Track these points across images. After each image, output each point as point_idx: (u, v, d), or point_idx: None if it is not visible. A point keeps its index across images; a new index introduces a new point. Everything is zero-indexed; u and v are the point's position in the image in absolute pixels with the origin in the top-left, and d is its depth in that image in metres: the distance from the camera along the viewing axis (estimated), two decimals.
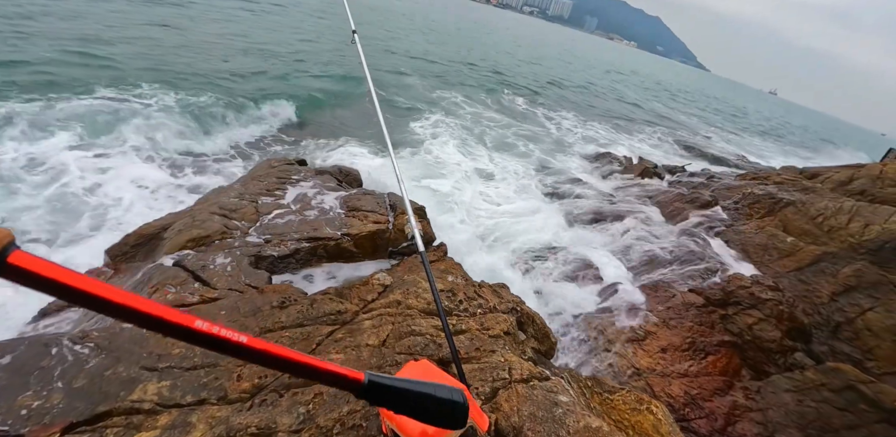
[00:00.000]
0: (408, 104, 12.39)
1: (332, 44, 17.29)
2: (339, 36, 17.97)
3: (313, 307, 2.48)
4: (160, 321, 0.52)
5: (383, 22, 31.22)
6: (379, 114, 3.49)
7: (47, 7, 12.91)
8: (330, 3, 28.92)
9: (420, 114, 11.78)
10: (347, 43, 3.87)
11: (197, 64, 10.95)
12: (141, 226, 4.26)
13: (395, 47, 21.76)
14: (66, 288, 0.47)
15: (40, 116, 6.69)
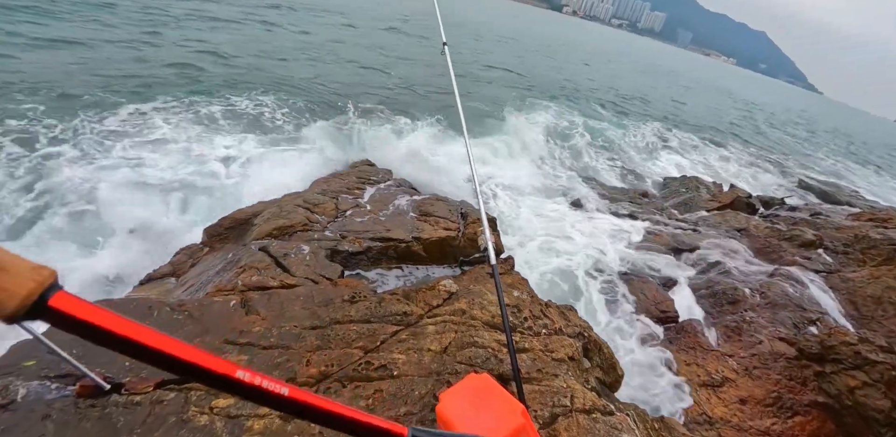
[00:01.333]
0: (491, 114, 12.48)
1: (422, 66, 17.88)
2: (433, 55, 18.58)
3: (381, 306, 2.56)
4: (202, 371, 0.49)
5: (468, 35, 31.89)
6: (463, 124, 3.56)
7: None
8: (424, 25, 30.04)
9: (503, 126, 11.82)
10: (440, 53, 4.00)
11: (298, 74, 11.96)
12: (235, 211, 4.69)
13: (482, 60, 22.10)
14: (108, 335, 0.45)
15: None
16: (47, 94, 7.53)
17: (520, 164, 9.05)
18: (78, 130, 6.73)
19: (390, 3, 38.94)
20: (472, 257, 3.43)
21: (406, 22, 28.98)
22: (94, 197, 5.19)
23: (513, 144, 10.20)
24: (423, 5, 38.82)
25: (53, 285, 0.45)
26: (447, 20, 4.01)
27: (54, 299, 0.44)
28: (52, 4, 12.83)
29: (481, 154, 8.76)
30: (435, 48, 5.30)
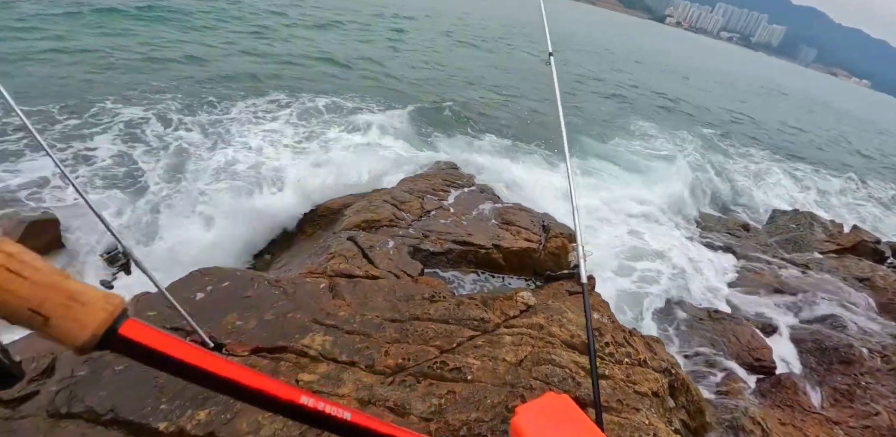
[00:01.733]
0: (593, 129, 12.06)
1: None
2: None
3: (459, 309, 2.58)
4: (268, 397, 0.49)
5: (568, 45, 31.26)
6: (564, 138, 3.49)
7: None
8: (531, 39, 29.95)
9: (604, 140, 11.39)
10: (545, 64, 3.96)
11: (408, 83, 12.60)
12: (328, 200, 5.01)
13: (581, 72, 21.52)
14: (177, 363, 0.46)
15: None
16: (188, 86, 8.69)
17: (611, 183, 8.64)
18: (203, 116, 7.70)
19: (491, 11, 39.51)
20: (558, 273, 3.33)
21: (507, 33, 29.18)
22: (212, 176, 5.87)
23: (608, 164, 9.76)
24: (517, 14, 38.92)
25: (123, 314, 0.46)
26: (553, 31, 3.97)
27: (124, 327, 0.44)
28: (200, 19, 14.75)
29: (580, 171, 8.51)
30: (537, 57, 5.10)
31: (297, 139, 7.56)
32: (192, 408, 1.89)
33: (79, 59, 9.15)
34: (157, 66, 9.66)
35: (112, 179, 5.70)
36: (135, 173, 5.88)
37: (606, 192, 7.89)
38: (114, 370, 2.16)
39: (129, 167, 6.02)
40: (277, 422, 1.81)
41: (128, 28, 11.67)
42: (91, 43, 10.02)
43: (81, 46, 9.75)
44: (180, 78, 9.23)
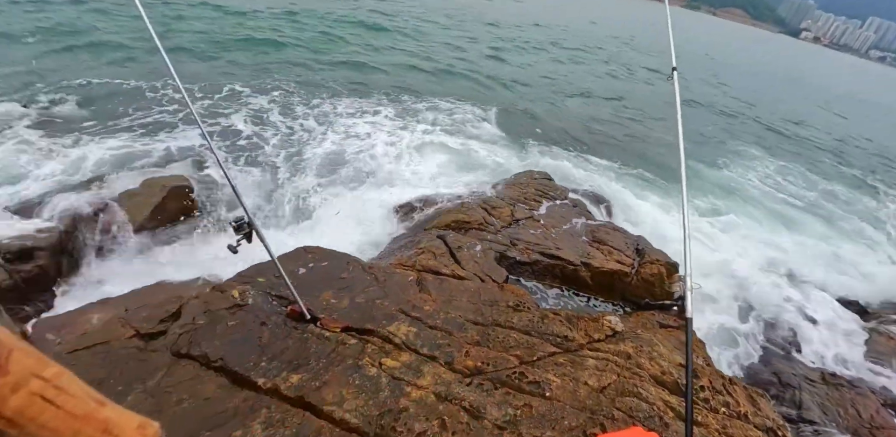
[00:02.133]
0: (706, 153, 10.97)
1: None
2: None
3: (543, 322, 2.51)
4: None
5: (691, 60, 28.95)
6: (682, 161, 3.24)
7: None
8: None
9: (719, 166, 10.34)
10: (666, 79, 3.72)
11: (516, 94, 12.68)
12: (423, 197, 5.19)
13: (701, 90, 19.88)
14: None
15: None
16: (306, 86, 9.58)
17: (728, 217, 7.78)
18: (316, 108, 8.47)
19: (605, 22, 38.12)
20: (656, 303, 3.11)
21: (626, 44, 27.98)
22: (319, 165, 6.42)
23: (726, 195, 8.80)
24: (633, 26, 36.98)
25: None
26: (661, 43, 3.67)
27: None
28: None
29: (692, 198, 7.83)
30: (651, 71, 4.77)
31: (395, 137, 7.93)
32: (287, 370, 2.07)
33: (218, 52, 10.65)
34: (277, 61, 10.88)
35: (245, 155, 6.49)
36: (264, 152, 6.63)
37: (722, 225, 7.15)
38: (227, 324, 2.44)
39: (258, 146, 6.80)
40: (360, 399, 1.91)
41: (267, 29, 13.28)
42: (232, 42, 11.65)
43: (225, 40, 11.36)
44: (297, 74, 10.29)
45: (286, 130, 7.57)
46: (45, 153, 5.73)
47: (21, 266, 4.11)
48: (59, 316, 3.17)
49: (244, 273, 2.93)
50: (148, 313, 2.56)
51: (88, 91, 7.63)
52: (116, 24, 11.15)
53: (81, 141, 6.09)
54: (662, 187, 7.92)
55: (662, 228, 5.63)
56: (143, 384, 2.02)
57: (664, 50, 26.67)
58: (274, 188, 5.70)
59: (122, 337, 2.34)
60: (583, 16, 39.13)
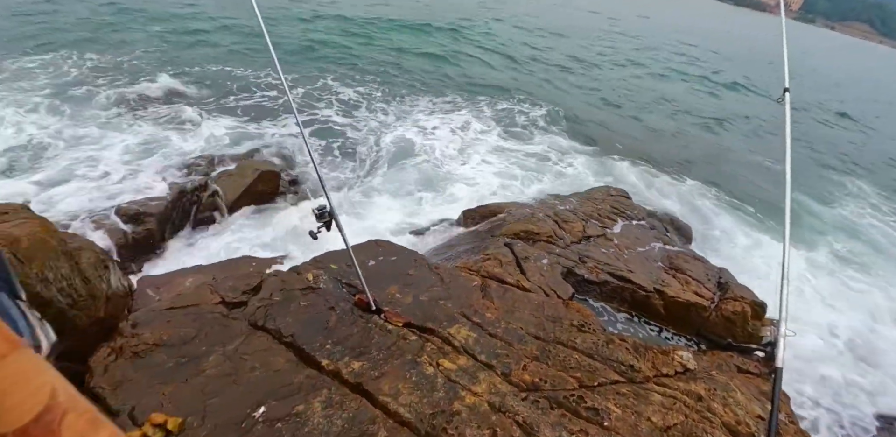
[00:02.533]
0: (812, 185, 9.62)
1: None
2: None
3: (608, 347, 2.40)
4: None
5: (807, 77, 26.02)
6: (787, 191, 2.93)
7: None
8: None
9: (827, 203, 9.11)
10: (777, 100, 3.38)
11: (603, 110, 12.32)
12: (492, 203, 5.18)
13: (812, 112, 17.85)
14: None
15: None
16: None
17: (836, 260, 6.80)
18: (395, 105, 8.81)
19: (711, 36, 35.50)
20: (738, 345, 2.85)
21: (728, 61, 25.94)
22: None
23: (836, 233, 7.72)
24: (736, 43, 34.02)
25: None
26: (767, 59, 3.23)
27: None
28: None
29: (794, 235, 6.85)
30: (757, 90, 4.22)
31: (468, 141, 8.00)
32: (350, 356, 2.16)
33: (319, 49, 11.46)
34: (364, 59, 11.45)
35: (329, 145, 6.93)
36: (347, 143, 7.04)
37: (829, 267, 6.30)
38: (300, 304, 2.59)
39: (343, 137, 7.24)
40: (415, 395, 1.94)
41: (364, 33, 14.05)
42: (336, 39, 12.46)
43: (327, 40, 12.19)
44: (380, 72, 10.78)
45: (367, 123, 7.98)
46: (177, 130, 6.57)
47: (134, 228, 4.70)
48: (159, 276, 3.57)
49: (319, 258, 3.11)
50: (233, 283, 2.80)
51: (204, 75, 8.62)
52: (227, 16, 12.56)
53: (204, 121, 6.90)
54: (756, 218, 7.18)
55: (751, 263, 5.12)
56: (223, 348, 2.21)
57: (771, 66, 24.08)
58: (344, 181, 6.03)
59: (210, 302, 2.58)
60: (679, 29, 36.82)
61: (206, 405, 1.82)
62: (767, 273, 4.82)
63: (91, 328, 2.40)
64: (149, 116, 6.98)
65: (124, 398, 1.82)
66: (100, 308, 2.57)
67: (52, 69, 8.01)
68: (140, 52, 9.37)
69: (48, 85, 7.33)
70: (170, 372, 1.97)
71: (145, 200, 5.04)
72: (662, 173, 8.18)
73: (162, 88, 7.77)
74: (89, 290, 2.57)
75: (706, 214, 6.43)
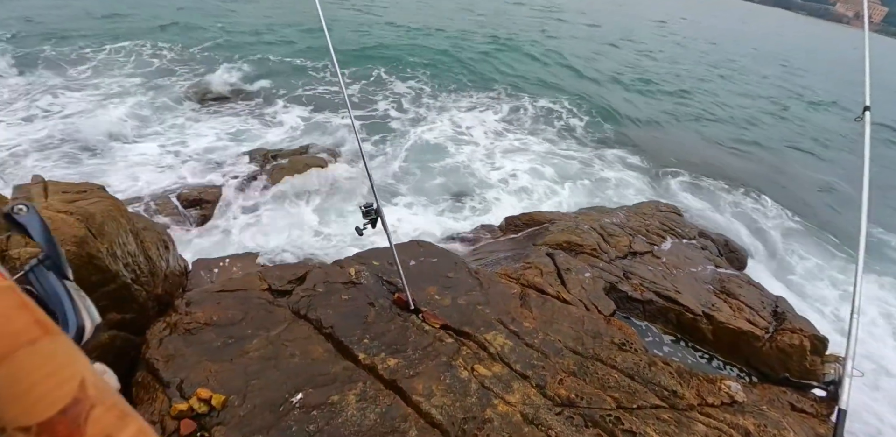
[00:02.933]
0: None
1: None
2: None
3: (650, 370, 2.29)
4: None
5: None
6: (863, 216, 2.70)
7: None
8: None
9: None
10: (855, 119, 3.11)
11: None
12: (535, 211, 5.10)
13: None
14: None
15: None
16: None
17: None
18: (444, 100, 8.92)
19: (783, 49, 33.40)
20: (796, 380, 2.65)
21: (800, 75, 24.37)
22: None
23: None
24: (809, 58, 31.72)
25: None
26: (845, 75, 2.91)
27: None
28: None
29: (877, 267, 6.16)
30: (832, 108, 3.85)
31: (519, 142, 7.93)
32: (386, 353, 2.18)
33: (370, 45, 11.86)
34: (416, 51, 11.71)
35: (383, 138, 7.15)
36: (396, 139, 7.22)
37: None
38: (341, 297, 2.65)
39: (393, 132, 7.43)
40: (448, 397, 1.93)
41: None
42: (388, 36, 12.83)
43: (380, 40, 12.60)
44: (430, 65, 10.97)
45: (416, 119, 8.14)
46: (258, 121, 7.05)
47: (192, 212, 5.00)
48: (213, 259, 3.76)
49: (362, 254, 3.17)
50: (280, 272, 2.90)
51: (268, 66, 9.17)
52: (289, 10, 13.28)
53: (278, 112, 7.37)
54: (823, 247, 6.62)
55: (813, 294, 4.75)
56: (266, 332, 2.29)
57: (849, 83, 22.19)
58: (392, 178, 6.16)
59: (258, 288, 2.69)
60: (749, 38, 34.85)
61: (248, 385, 1.89)
62: (834, 304, 4.44)
63: (149, 303, 2.57)
64: (222, 108, 7.49)
65: (175, 371, 1.93)
66: (158, 285, 2.75)
67: (134, 58, 8.77)
68: (209, 44, 10.09)
69: (134, 74, 8.05)
70: (217, 351, 2.07)
71: (204, 188, 5.36)
72: (721, 191, 7.74)
73: (230, 80, 8.32)
74: (151, 267, 2.75)
75: (768, 237, 6.03)
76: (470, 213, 5.29)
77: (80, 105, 6.93)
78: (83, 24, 10.49)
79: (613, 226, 4.49)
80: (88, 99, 7.18)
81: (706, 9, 55.17)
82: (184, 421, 1.72)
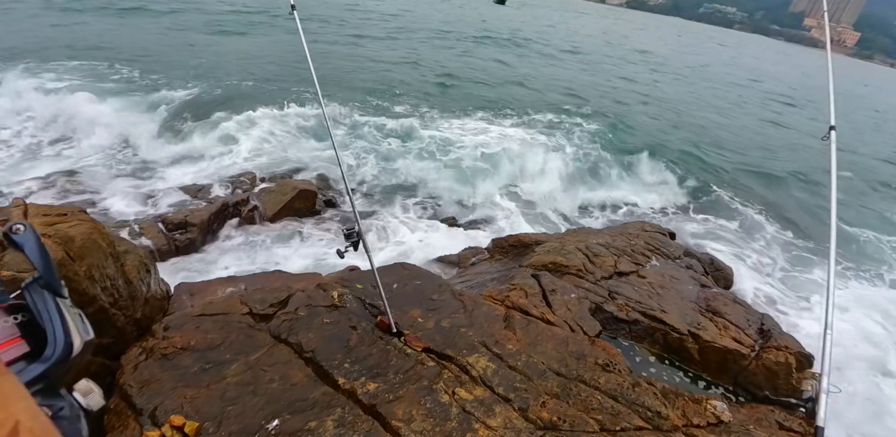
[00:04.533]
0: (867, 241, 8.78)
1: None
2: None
3: (634, 390, 2.27)
4: None
5: (860, 114, 24.72)
6: (832, 232, 2.78)
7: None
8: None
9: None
10: (822, 138, 3.20)
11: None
12: (521, 233, 5.15)
13: (868, 153, 16.81)
14: None
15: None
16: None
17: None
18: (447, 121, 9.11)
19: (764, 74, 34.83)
20: (776, 398, 2.64)
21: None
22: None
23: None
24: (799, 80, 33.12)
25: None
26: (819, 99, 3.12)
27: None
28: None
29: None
30: (815, 131, 3.97)
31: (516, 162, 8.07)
32: (367, 377, 2.15)
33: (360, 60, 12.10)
34: (415, 79, 11.96)
35: (367, 166, 7.23)
36: (388, 166, 7.31)
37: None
38: (323, 320, 2.62)
39: (380, 155, 7.53)
40: (428, 422, 1.90)
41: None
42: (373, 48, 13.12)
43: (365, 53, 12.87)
44: (434, 95, 11.24)
45: (406, 143, 8.27)
46: (220, 145, 7.06)
47: (177, 236, 4.96)
48: (195, 283, 3.71)
49: (345, 277, 3.16)
50: (262, 296, 2.87)
51: (243, 87, 9.32)
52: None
53: (242, 139, 7.40)
54: (808, 260, 6.72)
55: (798, 309, 4.78)
56: (245, 357, 2.25)
57: (822, 107, 23.07)
58: (377, 202, 6.21)
59: (238, 312, 2.65)
60: (737, 69, 36.34)
61: (224, 412, 1.85)
62: (813, 326, 4.46)
63: (127, 327, 2.52)
64: (192, 129, 7.55)
65: (149, 398, 1.88)
66: (138, 309, 2.70)
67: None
68: (178, 64, 10.32)
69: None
70: (194, 376, 2.02)
71: (189, 211, 5.34)
72: (701, 212, 7.88)
73: (200, 99, 8.46)
74: (130, 291, 2.71)
75: (749, 255, 6.11)
76: (459, 233, 5.33)
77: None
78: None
79: (599, 246, 4.53)
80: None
81: (690, 39, 57.80)
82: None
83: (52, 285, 0.74)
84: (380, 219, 5.79)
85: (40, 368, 0.65)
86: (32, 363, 0.66)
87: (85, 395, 0.72)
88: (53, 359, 0.67)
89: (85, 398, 0.71)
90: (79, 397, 0.71)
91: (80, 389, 0.72)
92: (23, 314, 0.70)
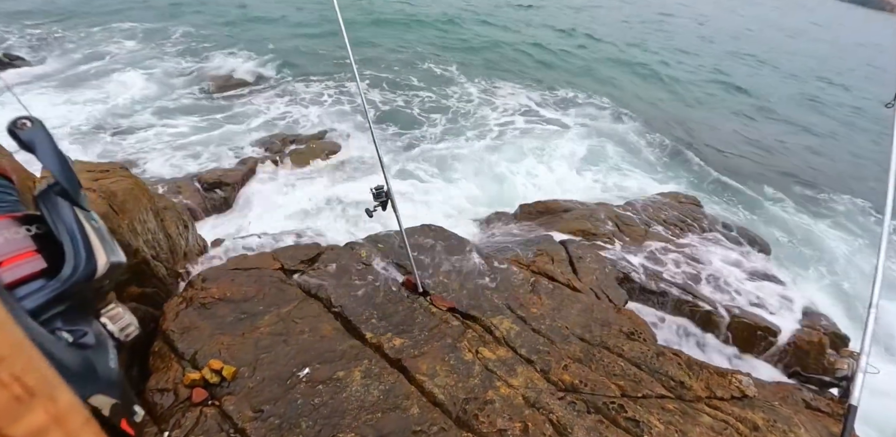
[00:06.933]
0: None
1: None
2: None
3: (658, 359, 2.26)
4: None
5: None
6: (889, 205, 2.56)
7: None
8: None
9: None
10: (885, 105, 2.90)
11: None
12: (550, 200, 5.04)
13: None
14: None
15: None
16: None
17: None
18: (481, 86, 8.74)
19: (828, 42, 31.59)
20: (810, 375, 2.58)
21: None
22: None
23: None
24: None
25: None
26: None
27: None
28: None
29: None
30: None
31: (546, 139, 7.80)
32: (393, 333, 2.21)
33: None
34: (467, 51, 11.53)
35: (396, 128, 7.15)
36: (417, 120, 7.21)
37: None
38: (352, 278, 2.69)
39: (412, 118, 7.41)
40: (451, 378, 1.96)
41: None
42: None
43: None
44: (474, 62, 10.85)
45: (436, 104, 8.09)
46: (274, 106, 7.18)
47: (212, 194, 5.11)
48: (231, 240, 3.85)
49: (374, 237, 3.19)
50: (293, 252, 2.95)
51: (293, 56, 9.23)
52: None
53: (296, 97, 7.45)
54: (852, 242, 6.35)
55: (837, 289, 4.58)
56: (278, 309, 2.34)
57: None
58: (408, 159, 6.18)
59: (271, 267, 2.74)
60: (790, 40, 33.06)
61: (258, 358, 1.95)
62: (857, 302, 4.27)
63: (168, 279, 2.66)
64: (242, 94, 7.59)
65: (189, 343, 2.00)
66: (177, 262, 2.83)
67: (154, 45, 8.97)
68: (225, 30, 10.22)
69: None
70: (230, 325, 2.13)
71: (224, 170, 5.47)
72: (742, 183, 7.46)
73: (245, 67, 8.43)
74: (170, 245, 2.84)
75: (793, 230, 5.81)
76: (488, 197, 5.27)
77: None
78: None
79: (629, 214, 4.40)
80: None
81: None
82: (196, 390, 1.79)
83: (69, 193, 0.63)
84: (410, 170, 5.81)
85: (57, 286, 0.56)
86: (51, 281, 0.57)
87: (114, 321, 0.62)
88: (74, 278, 0.58)
89: (114, 324, 0.62)
90: (108, 322, 0.62)
91: (108, 314, 0.63)
92: (38, 226, 0.60)
